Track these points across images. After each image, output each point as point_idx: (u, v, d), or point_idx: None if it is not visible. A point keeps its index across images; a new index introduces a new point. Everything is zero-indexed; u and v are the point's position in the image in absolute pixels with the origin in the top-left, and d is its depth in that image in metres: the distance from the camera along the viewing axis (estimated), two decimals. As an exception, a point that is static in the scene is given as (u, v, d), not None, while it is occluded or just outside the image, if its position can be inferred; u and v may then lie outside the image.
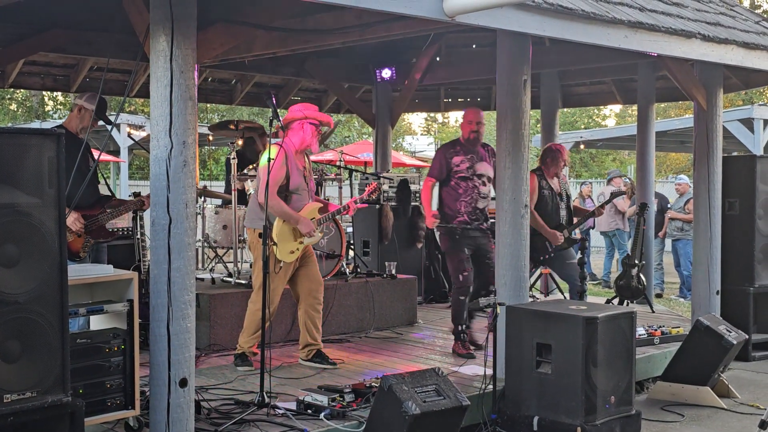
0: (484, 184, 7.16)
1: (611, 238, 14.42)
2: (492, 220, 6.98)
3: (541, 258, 7.84)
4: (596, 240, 19.26)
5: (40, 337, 3.81)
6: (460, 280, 7.09)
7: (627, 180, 15.01)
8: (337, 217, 7.98)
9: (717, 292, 8.00)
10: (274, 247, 6.27)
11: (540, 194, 7.75)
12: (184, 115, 4.53)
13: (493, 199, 7.14)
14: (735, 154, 15.99)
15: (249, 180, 7.84)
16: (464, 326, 7.10)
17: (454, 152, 7.17)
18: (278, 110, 6.15)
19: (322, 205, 6.77)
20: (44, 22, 7.81)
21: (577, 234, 8.60)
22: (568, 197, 8.01)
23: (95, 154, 6.42)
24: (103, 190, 6.59)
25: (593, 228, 14.82)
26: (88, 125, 6.20)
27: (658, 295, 12.78)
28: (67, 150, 4.80)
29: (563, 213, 7.89)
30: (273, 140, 6.09)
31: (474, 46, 10.18)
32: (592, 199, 15.53)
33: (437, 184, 7.26)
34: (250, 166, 8.13)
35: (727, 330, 6.75)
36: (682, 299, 12.77)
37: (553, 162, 7.90)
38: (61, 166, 3.89)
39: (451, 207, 7.12)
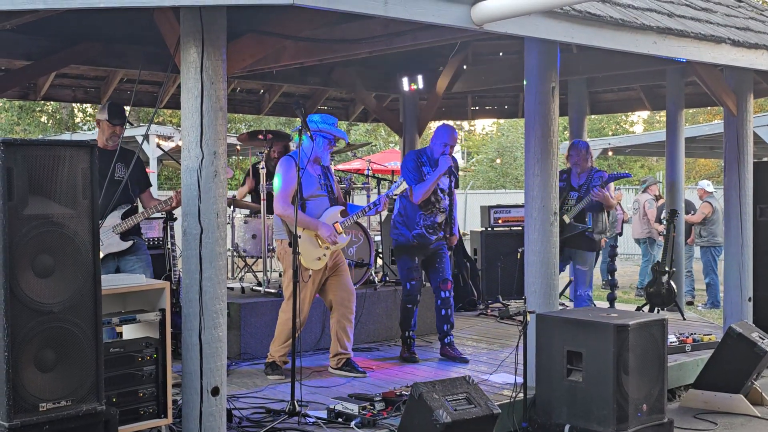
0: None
1: (643, 246, 14.31)
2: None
3: None
4: (629, 247, 19.16)
5: (75, 347, 3.85)
6: (407, 287, 7.24)
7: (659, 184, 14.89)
8: (365, 225, 8.00)
9: (749, 299, 7.92)
10: (299, 256, 6.27)
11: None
12: (214, 126, 4.57)
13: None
14: (766, 159, 15.84)
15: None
16: (409, 332, 7.30)
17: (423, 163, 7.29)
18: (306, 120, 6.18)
19: (343, 208, 6.75)
20: (75, 35, 7.91)
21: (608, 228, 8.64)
22: (588, 190, 8.14)
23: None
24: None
25: (621, 234, 14.71)
26: (110, 135, 6.23)
27: (689, 303, 12.68)
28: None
29: (570, 202, 8.20)
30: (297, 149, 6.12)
31: (501, 54, 10.17)
32: (621, 206, 15.42)
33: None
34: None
35: (760, 337, 6.69)
36: (701, 307, 12.62)
37: (570, 155, 8.39)
38: (94, 177, 3.93)
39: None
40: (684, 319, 9.40)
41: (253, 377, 6.53)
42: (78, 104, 28.90)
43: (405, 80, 10.19)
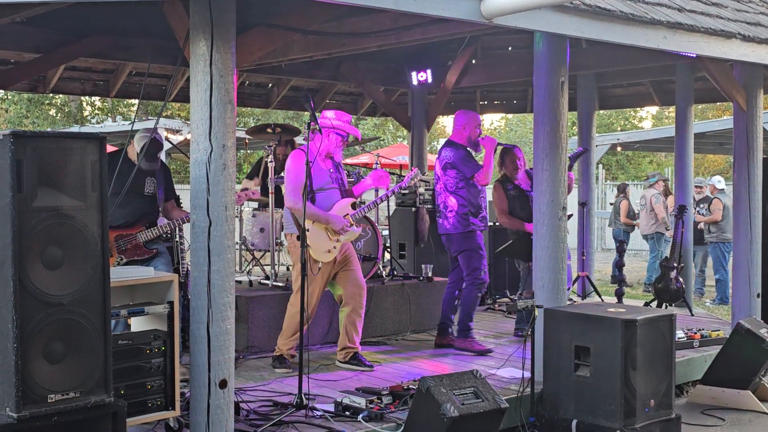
0: None
1: (651, 241, 14.28)
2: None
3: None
4: (637, 243, 19.11)
5: (84, 338, 3.86)
6: (481, 276, 7.29)
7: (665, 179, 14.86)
8: (373, 219, 8.02)
9: (758, 295, 7.89)
10: (309, 248, 6.28)
11: (507, 198, 8.02)
12: (223, 119, 4.57)
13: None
14: (775, 155, 15.77)
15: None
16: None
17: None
18: (315, 113, 6.18)
19: (355, 200, 6.77)
20: (84, 28, 7.92)
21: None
22: None
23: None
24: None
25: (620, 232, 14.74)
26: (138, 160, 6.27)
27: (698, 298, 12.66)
28: (121, 172, 5.29)
29: None
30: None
31: (510, 48, 10.16)
32: (630, 203, 15.40)
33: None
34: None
35: (769, 333, 6.68)
36: (709, 303, 12.59)
37: (511, 161, 8.10)
38: (103, 170, 3.93)
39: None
40: (692, 315, 9.38)
41: (261, 370, 6.54)
42: (86, 97, 28.95)
43: (414, 74, 10.19)
